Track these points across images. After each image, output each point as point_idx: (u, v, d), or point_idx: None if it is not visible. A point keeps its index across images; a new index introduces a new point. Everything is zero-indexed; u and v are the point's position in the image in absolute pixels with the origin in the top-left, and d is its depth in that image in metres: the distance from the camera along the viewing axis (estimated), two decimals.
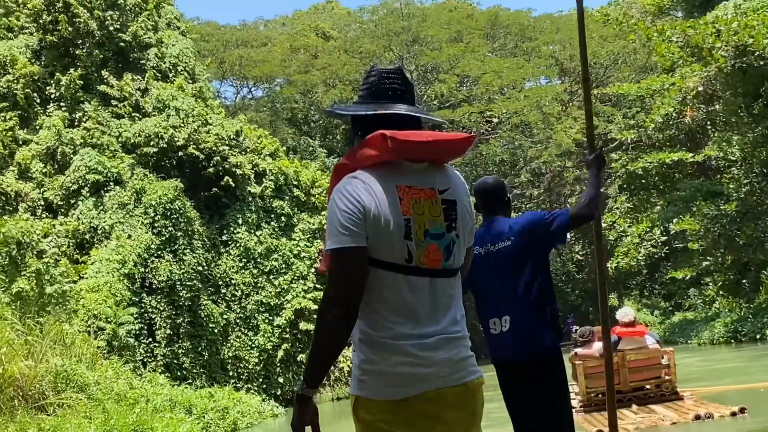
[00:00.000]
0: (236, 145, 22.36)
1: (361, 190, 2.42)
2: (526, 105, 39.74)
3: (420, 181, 2.50)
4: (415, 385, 2.42)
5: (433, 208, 2.49)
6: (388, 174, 2.46)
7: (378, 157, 2.46)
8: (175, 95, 22.18)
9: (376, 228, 2.40)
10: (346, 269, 2.40)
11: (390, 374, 2.42)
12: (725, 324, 23.46)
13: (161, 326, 19.19)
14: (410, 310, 2.44)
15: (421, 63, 42.50)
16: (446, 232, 2.51)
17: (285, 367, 21.59)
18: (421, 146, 2.47)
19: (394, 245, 2.42)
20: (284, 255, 22.24)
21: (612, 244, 32.82)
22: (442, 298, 2.49)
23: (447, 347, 2.47)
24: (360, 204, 2.40)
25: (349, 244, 2.38)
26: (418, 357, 2.42)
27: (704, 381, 13.70)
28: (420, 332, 2.44)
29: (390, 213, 2.41)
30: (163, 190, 19.89)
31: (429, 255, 2.46)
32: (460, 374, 2.49)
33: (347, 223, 2.38)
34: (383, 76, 2.61)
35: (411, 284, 2.44)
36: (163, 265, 19.51)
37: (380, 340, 2.43)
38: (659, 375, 10.47)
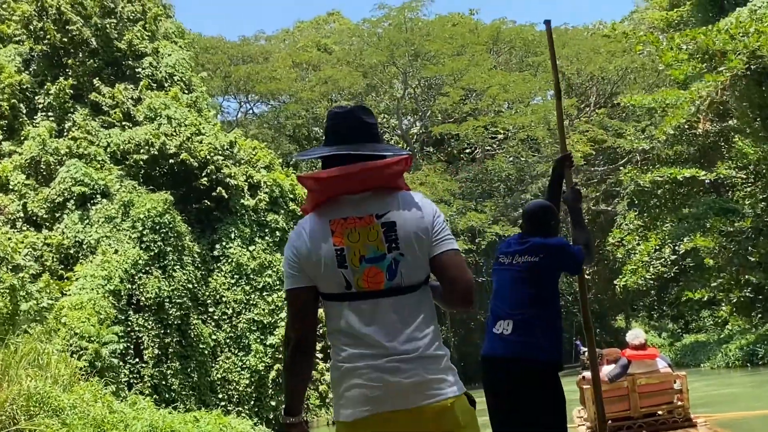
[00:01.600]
0: (230, 155, 21.93)
1: (296, 236, 2.72)
2: (533, 119, 39.31)
3: (357, 211, 2.70)
4: (365, 407, 2.58)
5: (371, 234, 2.67)
6: (324, 212, 2.70)
7: (314, 199, 2.74)
8: (168, 104, 21.76)
9: (310, 265, 2.66)
10: (294, 308, 2.71)
11: (345, 397, 2.62)
12: (740, 346, 22.82)
13: (149, 346, 18.68)
14: (357, 334, 2.62)
15: (423, 76, 42.15)
16: (387, 253, 2.66)
17: (277, 388, 20.99)
18: (341, 180, 2.67)
19: (330, 276, 2.64)
20: (278, 271, 21.71)
21: (620, 261, 32.28)
22: (392, 318, 2.62)
23: (400, 369, 2.59)
24: (295, 249, 2.69)
25: (293, 285, 2.71)
26: (369, 379, 2.58)
27: (719, 406, 13.35)
28: (371, 354, 2.60)
29: (321, 248, 2.65)
30: (152, 203, 19.39)
31: (368, 279, 2.64)
32: (415, 397, 2.58)
33: (289, 268, 2.72)
34: (337, 117, 2.84)
35: (355, 309, 2.64)
36: (152, 281, 19.00)
37: (337, 364, 2.66)
38: (671, 400, 10.02)
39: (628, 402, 9.69)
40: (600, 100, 43.94)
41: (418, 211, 2.74)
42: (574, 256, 4.56)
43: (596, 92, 43.95)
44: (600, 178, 42.41)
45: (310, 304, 2.70)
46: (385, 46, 41.85)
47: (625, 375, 9.79)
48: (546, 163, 39.82)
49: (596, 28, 45.77)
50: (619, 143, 37.17)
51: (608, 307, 43.37)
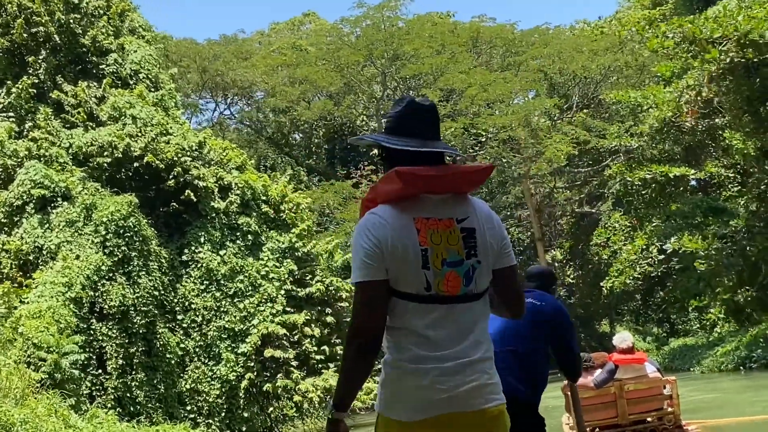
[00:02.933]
0: (199, 156, 21.36)
1: (379, 226, 2.67)
2: (514, 120, 38.96)
3: (438, 212, 2.74)
4: (428, 410, 2.64)
5: (451, 237, 2.71)
6: (406, 208, 2.70)
7: (395, 193, 2.71)
8: (133, 103, 21.15)
9: (394, 260, 2.65)
10: (368, 302, 2.66)
11: (406, 396, 2.66)
12: (732, 350, 22.44)
13: (112, 356, 18.06)
14: (429, 336, 2.67)
15: (402, 76, 41.75)
16: (465, 259, 2.73)
17: (250, 399, 20.46)
18: (435, 180, 2.72)
19: (412, 275, 2.66)
20: (250, 276, 21.19)
21: (605, 263, 31.99)
22: (462, 323, 2.71)
23: (465, 372, 2.68)
24: (377, 240, 2.65)
25: (370, 278, 2.65)
26: (434, 381, 2.64)
27: (710, 412, 13.03)
28: (438, 356, 2.66)
29: (408, 245, 2.65)
30: (115, 205, 18.76)
31: (448, 282, 2.69)
32: (477, 400, 2.68)
33: (367, 258, 2.65)
34: (419, 111, 2.83)
35: (430, 311, 2.67)
36: (115, 288, 18.38)
37: (400, 363, 2.67)
38: (661, 406, 9.75)
39: (615, 409, 9.43)
40: (583, 100, 43.75)
41: (492, 220, 2.85)
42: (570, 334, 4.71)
43: (579, 92, 43.74)
44: (583, 180, 42.18)
45: (385, 299, 2.68)
46: (363, 46, 41.50)
47: (612, 380, 9.48)
48: (527, 165, 39.48)
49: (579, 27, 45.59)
50: (602, 143, 36.89)
51: (593, 311, 43.12)
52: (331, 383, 20.77)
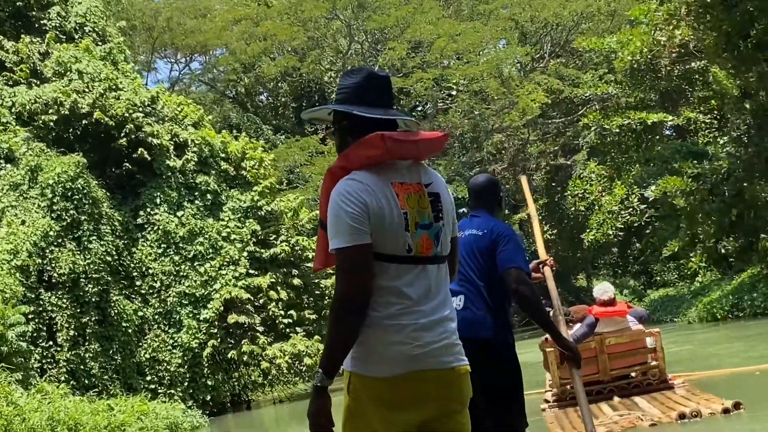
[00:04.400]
0: (152, 112, 20.51)
1: (361, 190, 2.74)
2: (485, 70, 38.25)
3: (409, 177, 2.88)
4: (407, 364, 2.73)
5: (422, 201, 2.85)
6: (382, 172, 2.81)
7: (375, 158, 2.81)
8: (79, 57, 20.16)
9: (378, 224, 2.74)
10: (356, 266, 2.72)
11: (384, 352, 2.73)
12: (716, 299, 22.12)
13: (63, 327, 17.41)
14: (407, 294, 2.77)
15: (369, 28, 40.82)
16: (434, 222, 2.87)
17: (214, 367, 19.92)
18: (411, 145, 2.87)
19: (396, 238, 2.77)
20: (211, 238, 20.54)
21: (583, 215, 31.64)
22: (433, 283, 2.84)
23: (437, 330, 2.80)
24: (362, 203, 2.73)
25: (357, 242, 2.71)
26: (411, 337, 2.74)
27: (696, 363, 12.61)
28: (413, 313, 2.77)
29: (391, 208, 2.77)
30: (62, 166, 17.93)
31: (423, 244, 2.82)
32: (449, 358, 2.81)
33: (353, 222, 2.71)
34: (378, 81, 2.95)
35: (408, 271, 2.79)
36: (65, 255, 17.63)
37: (378, 321, 2.74)
38: (645, 360, 9.54)
39: (596, 365, 9.24)
40: (555, 49, 43.20)
41: (448, 189, 3.01)
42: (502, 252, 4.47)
43: (551, 40, 43.15)
44: (558, 132, 41.72)
45: (371, 261, 2.74)
46: None
47: (593, 335, 9.32)
48: (499, 117, 38.92)
49: None
50: (576, 92, 36.38)
51: (570, 265, 42.98)
52: (300, 348, 20.31)
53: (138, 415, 12.98)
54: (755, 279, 21.38)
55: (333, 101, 2.99)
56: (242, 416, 20.50)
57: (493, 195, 4.83)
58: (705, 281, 26.76)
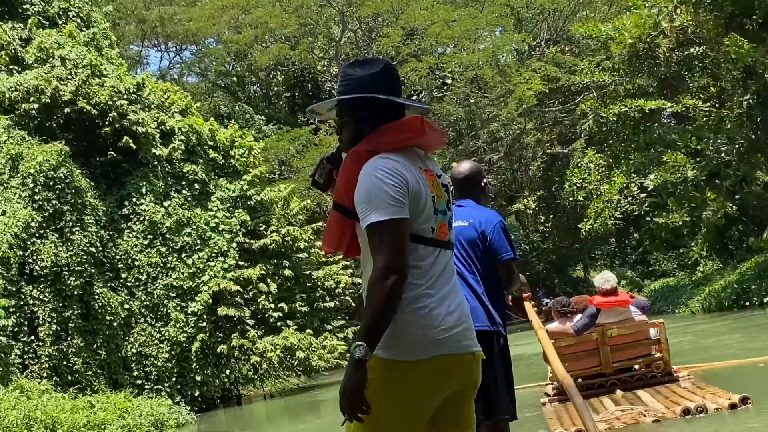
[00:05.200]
0: (137, 100, 20.09)
1: (400, 167, 2.78)
2: (482, 57, 37.87)
3: (426, 165, 2.93)
4: (434, 348, 2.76)
5: (437, 189, 2.91)
6: (411, 157, 2.87)
7: (409, 141, 2.88)
8: (62, 43, 19.72)
9: (414, 203, 2.78)
10: (400, 238, 2.72)
11: (413, 336, 2.74)
12: (720, 288, 21.81)
13: (45, 321, 17.05)
14: (431, 277, 2.82)
15: (362, 15, 40.38)
16: (447, 210, 2.95)
17: (202, 361, 19.53)
18: (436, 135, 2.97)
19: (427, 220, 2.83)
20: (199, 228, 20.15)
21: (581, 205, 31.34)
22: (449, 267, 2.91)
23: (457, 313, 2.85)
24: (404, 179, 2.76)
25: (401, 215, 2.73)
26: (437, 321, 2.77)
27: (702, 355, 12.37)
28: (438, 297, 2.82)
29: (425, 189, 2.82)
30: (44, 155, 17.52)
31: (442, 229, 2.89)
32: (469, 342, 2.88)
33: (397, 195, 2.73)
34: (394, 72, 3.02)
35: (432, 254, 2.84)
36: (47, 247, 17.26)
37: (404, 303, 2.72)
38: (648, 352, 9.28)
39: (598, 357, 9.08)
40: (552, 36, 42.86)
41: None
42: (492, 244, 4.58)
43: (547, 27, 42.80)
44: (555, 120, 41.39)
45: (408, 238, 2.77)
46: None
47: (594, 326, 9.08)
48: (495, 105, 38.58)
49: None
50: (574, 80, 36.01)
51: (567, 256, 42.73)
52: (292, 341, 19.92)
53: (120, 413, 12.60)
54: (762, 267, 21.10)
55: (340, 92, 2.95)
56: (232, 412, 20.18)
57: (476, 182, 4.86)
58: (706, 271, 26.53)
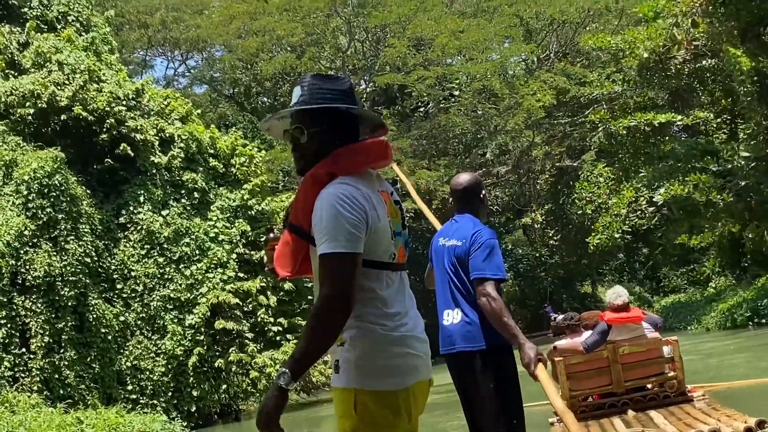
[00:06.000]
0: (136, 106, 19.83)
1: (360, 196, 2.73)
2: (489, 68, 37.65)
3: (382, 186, 2.93)
4: (412, 375, 2.80)
5: (392, 209, 2.90)
6: (369, 180, 2.85)
7: (371, 164, 2.88)
8: (60, 48, 19.51)
9: (374, 232, 2.76)
10: (350, 273, 2.69)
11: (392, 365, 2.75)
12: (734, 305, 21.44)
13: (37, 333, 16.65)
14: (398, 303, 2.83)
15: (369, 25, 40.26)
16: (402, 230, 2.94)
17: (199, 376, 19.16)
18: (388, 152, 2.95)
19: (387, 246, 2.82)
20: (197, 239, 19.89)
21: (589, 218, 31.05)
22: (408, 290, 2.93)
23: (423, 338, 2.89)
24: (363, 211, 2.72)
25: (355, 249, 2.70)
26: (411, 347, 2.81)
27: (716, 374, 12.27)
28: (404, 323, 2.82)
29: (383, 215, 2.81)
30: (39, 161, 17.21)
31: (400, 252, 2.90)
32: (429, 368, 2.91)
33: (353, 229, 2.69)
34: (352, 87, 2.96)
35: (393, 279, 2.85)
36: (40, 256, 16.90)
37: (379, 333, 2.76)
38: (662, 371, 8.96)
39: (609, 375, 8.79)
40: (562, 48, 42.68)
41: None
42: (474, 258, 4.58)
43: (557, 39, 42.62)
44: (564, 133, 41.14)
45: (357, 273, 2.76)
46: None
47: (605, 343, 8.81)
48: (503, 117, 38.34)
49: None
50: (583, 91, 35.76)
51: (574, 271, 42.41)
52: None
53: (109, 429, 12.24)
54: None
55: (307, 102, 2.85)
56: (231, 428, 19.84)
57: (475, 194, 4.89)
58: (719, 287, 26.19)
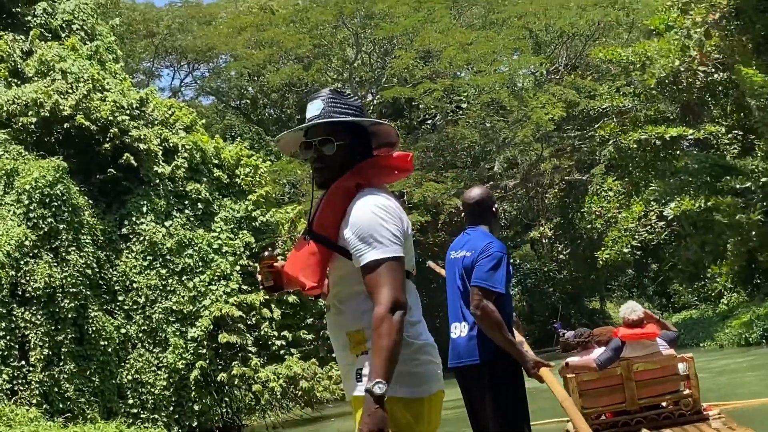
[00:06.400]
0: (140, 115, 19.72)
1: (396, 207, 2.91)
2: (497, 80, 37.56)
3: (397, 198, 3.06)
4: (435, 383, 2.91)
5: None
6: (389, 192, 2.99)
7: (398, 177, 3.09)
8: (64, 56, 19.40)
9: (406, 241, 2.92)
10: (401, 276, 2.83)
11: (418, 373, 2.85)
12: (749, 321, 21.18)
13: (36, 345, 16.41)
14: (416, 312, 2.96)
15: (376, 37, 40.25)
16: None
17: (202, 390, 18.89)
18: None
19: (411, 256, 2.96)
20: (201, 250, 19.62)
21: (598, 232, 30.87)
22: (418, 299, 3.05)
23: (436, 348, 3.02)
24: (400, 220, 2.89)
25: (401, 254, 2.86)
26: (432, 355, 2.95)
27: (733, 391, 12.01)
28: (423, 333, 2.96)
29: (409, 228, 2.97)
30: (40, 171, 17.06)
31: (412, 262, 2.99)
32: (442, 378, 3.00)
33: (399, 234, 2.86)
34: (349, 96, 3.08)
35: (412, 289, 2.97)
36: (41, 267, 16.68)
37: (406, 341, 2.81)
38: (677, 388, 8.78)
39: (623, 393, 8.60)
40: (571, 60, 42.61)
41: None
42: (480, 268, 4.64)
43: (566, 52, 42.55)
44: (573, 147, 40.98)
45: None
46: (333, 4, 39.92)
47: (619, 359, 8.60)
48: (512, 130, 38.20)
49: None
50: (593, 105, 35.65)
51: (583, 286, 42.15)
52: (295, 371, 19.38)
53: None
54: None
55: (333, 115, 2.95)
56: None
57: (488, 207, 5.00)
58: (731, 303, 25.94)
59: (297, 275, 2.93)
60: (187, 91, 49.37)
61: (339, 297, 2.92)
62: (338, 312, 2.94)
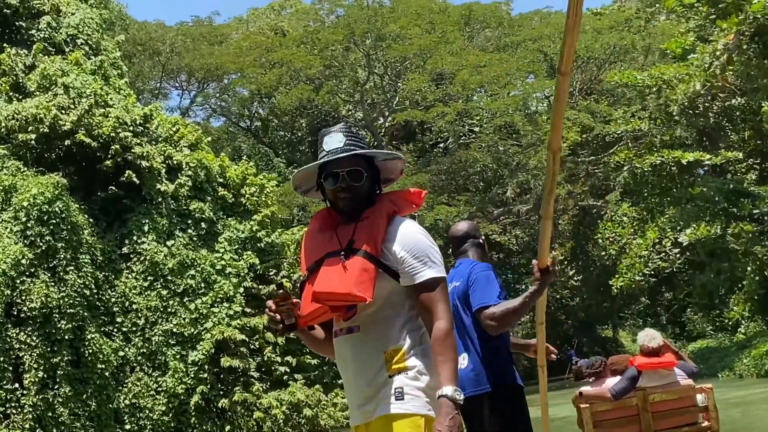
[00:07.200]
0: (143, 132, 19.58)
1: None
2: (511, 104, 37.43)
3: None
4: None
5: None
6: None
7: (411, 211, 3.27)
8: (67, 71, 19.28)
9: None
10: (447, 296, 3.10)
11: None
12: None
13: (31, 367, 16.29)
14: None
15: (388, 58, 40.19)
16: None
17: (202, 416, 18.67)
18: None
19: None
20: (204, 271, 19.50)
21: (613, 258, 30.51)
22: None
23: None
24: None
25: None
26: None
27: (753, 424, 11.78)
28: None
29: None
30: (39, 187, 16.93)
31: None
32: None
33: (440, 256, 3.10)
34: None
35: None
36: (37, 286, 16.57)
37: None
38: (695, 420, 8.52)
39: (638, 424, 8.38)
40: (585, 85, 42.45)
41: None
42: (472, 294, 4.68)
43: (581, 76, 42.39)
44: (587, 172, 40.71)
45: None
46: (344, 25, 39.92)
47: (635, 389, 8.39)
48: (525, 154, 38.00)
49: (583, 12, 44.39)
50: (607, 129, 35.42)
51: (595, 314, 41.77)
52: (299, 397, 19.03)
53: None
54: None
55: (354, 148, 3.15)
56: None
57: (473, 239, 5.03)
58: (749, 332, 25.53)
59: (350, 290, 2.96)
60: (198, 112, 49.52)
61: (378, 316, 3.03)
62: (372, 332, 3.02)
